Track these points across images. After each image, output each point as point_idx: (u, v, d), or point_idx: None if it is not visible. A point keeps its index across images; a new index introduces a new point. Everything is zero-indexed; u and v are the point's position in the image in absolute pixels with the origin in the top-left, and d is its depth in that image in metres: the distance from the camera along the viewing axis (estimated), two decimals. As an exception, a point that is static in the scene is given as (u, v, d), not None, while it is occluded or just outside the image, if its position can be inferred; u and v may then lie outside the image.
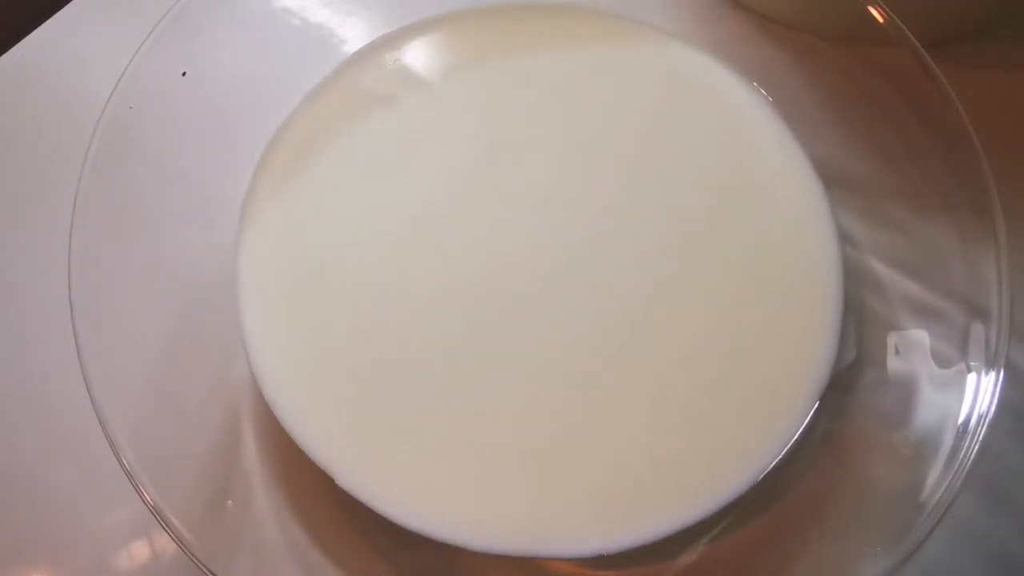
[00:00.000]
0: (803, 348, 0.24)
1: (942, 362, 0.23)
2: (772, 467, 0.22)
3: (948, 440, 0.22)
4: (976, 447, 0.21)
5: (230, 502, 0.24)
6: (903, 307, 0.25)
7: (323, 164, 0.26)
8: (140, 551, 0.25)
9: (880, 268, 0.26)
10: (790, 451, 0.22)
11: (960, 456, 0.21)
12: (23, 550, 0.25)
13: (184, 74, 0.27)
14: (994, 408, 0.21)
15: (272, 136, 0.27)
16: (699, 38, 0.29)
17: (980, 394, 0.22)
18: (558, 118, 0.27)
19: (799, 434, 0.23)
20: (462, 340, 0.24)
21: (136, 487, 0.21)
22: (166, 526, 0.21)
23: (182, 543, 0.21)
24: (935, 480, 0.21)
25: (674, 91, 0.28)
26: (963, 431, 0.22)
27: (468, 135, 0.27)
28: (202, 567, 0.20)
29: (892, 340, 0.25)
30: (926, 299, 0.25)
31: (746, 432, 0.23)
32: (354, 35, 0.29)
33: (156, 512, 0.21)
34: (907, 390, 0.24)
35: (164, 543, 0.25)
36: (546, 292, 0.24)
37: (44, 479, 0.26)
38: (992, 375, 0.22)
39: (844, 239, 0.25)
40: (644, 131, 0.27)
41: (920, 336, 0.24)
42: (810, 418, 0.23)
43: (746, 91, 0.27)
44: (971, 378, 0.22)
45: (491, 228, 0.25)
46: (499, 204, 0.26)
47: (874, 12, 0.26)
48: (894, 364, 0.24)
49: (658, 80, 0.28)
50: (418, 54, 0.28)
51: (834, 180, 0.26)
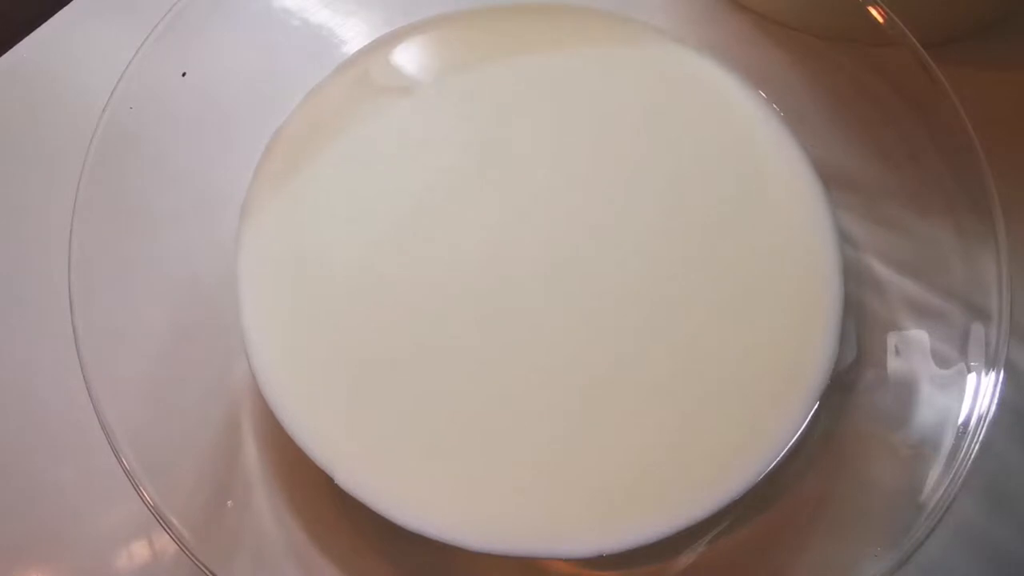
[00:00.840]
0: (803, 348, 0.24)
1: (942, 362, 0.23)
2: (772, 467, 0.22)
3: (948, 440, 0.22)
4: (976, 447, 0.21)
5: (230, 502, 0.24)
6: (903, 307, 0.25)
7: (323, 164, 0.26)
8: (140, 551, 0.25)
9: (880, 268, 0.26)
10: (790, 451, 0.22)
11: (960, 456, 0.21)
12: (23, 550, 0.25)
13: (184, 74, 0.27)
14: (994, 408, 0.21)
15: (272, 136, 0.27)
16: (699, 39, 0.29)
17: (980, 394, 0.22)
18: (557, 119, 0.27)
19: (799, 434, 0.23)
20: (462, 340, 0.24)
21: (136, 487, 0.21)
22: (166, 526, 0.21)
23: (182, 543, 0.21)
24: (935, 480, 0.21)
25: (674, 91, 0.28)
26: (963, 431, 0.22)
27: (467, 135, 0.27)
28: (202, 567, 0.20)
29: (892, 340, 0.25)
30: (926, 299, 0.25)
31: (746, 432, 0.23)
32: (354, 35, 0.29)
33: (156, 512, 0.21)
34: (907, 390, 0.24)
35: (164, 543, 0.25)
36: (546, 292, 0.24)
37: (44, 479, 0.26)
38: (992, 375, 0.22)
39: (844, 239, 0.25)
40: (643, 131, 0.27)
41: (920, 336, 0.24)
42: (810, 418, 0.23)
43: (746, 92, 0.27)
44: (971, 378, 0.22)
45: (491, 228, 0.25)
46: (499, 204, 0.26)
47: (874, 12, 0.26)
48: (894, 364, 0.24)
49: (658, 80, 0.28)
50: (418, 54, 0.28)
51: (834, 180, 0.26)
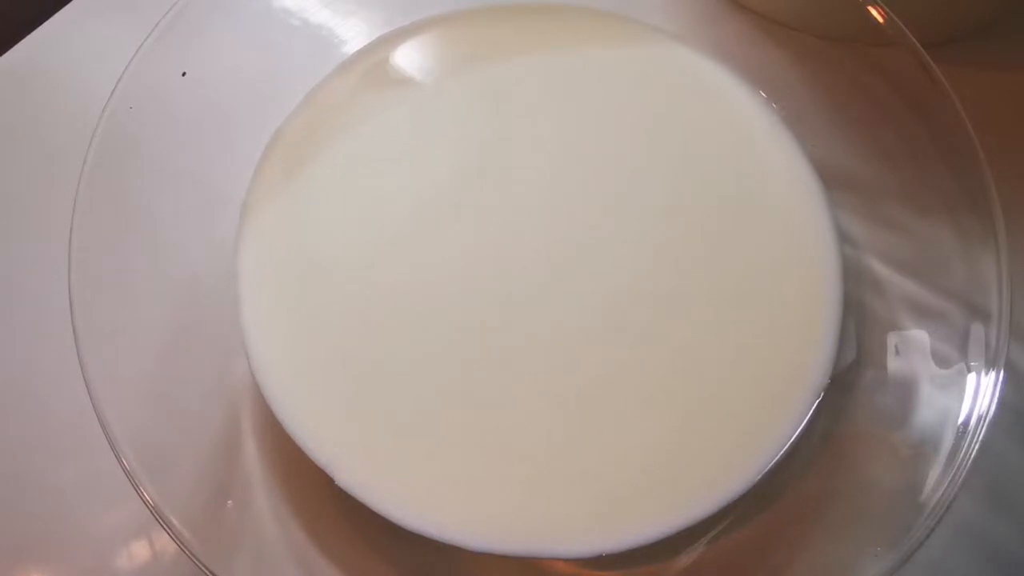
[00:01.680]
0: (803, 348, 0.24)
1: (942, 362, 0.23)
2: (772, 467, 0.22)
3: (948, 440, 0.22)
4: (976, 447, 0.21)
5: (230, 502, 0.24)
6: (903, 307, 0.25)
7: (323, 164, 0.26)
8: (140, 551, 0.25)
9: (880, 268, 0.26)
10: (790, 451, 0.22)
11: (960, 456, 0.21)
12: (23, 550, 0.25)
13: (184, 74, 0.27)
14: (994, 408, 0.21)
15: (272, 136, 0.27)
16: (699, 39, 0.29)
17: (980, 394, 0.22)
18: (558, 118, 0.27)
19: (799, 434, 0.23)
20: (462, 340, 0.24)
21: (136, 487, 0.21)
22: (166, 526, 0.21)
23: (182, 543, 0.21)
24: (935, 480, 0.21)
25: (674, 91, 0.28)
26: (963, 431, 0.21)
27: (467, 135, 0.27)
28: (202, 567, 0.20)
29: (892, 340, 0.25)
30: (926, 299, 0.25)
31: (746, 432, 0.23)
32: (354, 35, 0.29)
33: (156, 512, 0.21)
34: (907, 390, 0.24)
35: (164, 543, 0.25)
36: (547, 291, 0.24)
37: (44, 479, 0.26)
38: (992, 375, 0.22)
39: (844, 239, 0.25)
40: (644, 131, 0.27)
41: (920, 336, 0.24)
42: (810, 418, 0.23)
43: (746, 92, 0.27)
44: (971, 378, 0.22)
45: (490, 228, 0.25)
46: (499, 204, 0.26)
47: (874, 12, 0.26)
48: (894, 364, 0.24)
49: (658, 80, 0.28)
50: (418, 54, 0.28)
51: (834, 180, 0.26)
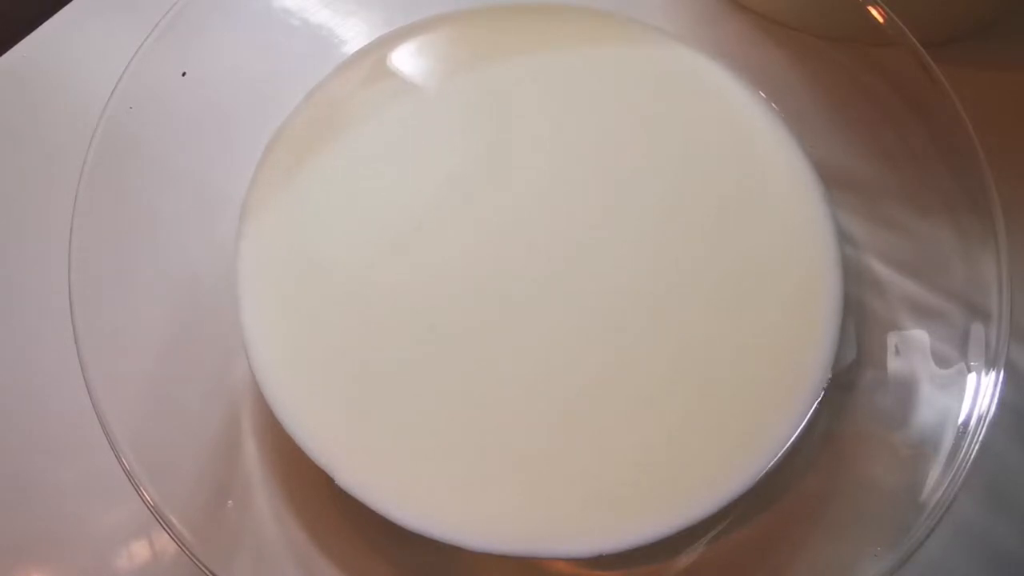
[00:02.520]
0: (803, 348, 0.24)
1: (942, 362, 0.23)
2: (772, 467, 0.22)
3: (948, 440, 0.22)
4: (976, 447, 0.21)
5: (230, 502, 0.24)
6: (903, 307, 0.25)
7: (323, 164, 0.26)
8: (140, 551, 0.25)
9: (880, 268, 0.26)
10: (790, 451, 0.22)
11: (960, 456, 0.21)
12: (23, 550, 0.25)
13: (184, 74, 0.27)
14: (994, 408, 0.21)
15: (272, 136, 0.27)
16: (699, 38, 0.29)
17: (980, 394, 0.22)
18: (558, 118, 0.27)
19: (799, 434, 0.23)
20: (462, 340, 0.24)
21: (136, 487, 0.21)
22: (166, 526, 0.21)
23: (182, 543, 0.21)
24: (935, 480, 0.21)
25: (674, 91, 0.28)
26: (963, 431, 0.21)
27: (468, 135, 0.27)
28: (202, 567, 0.20)
29: (892, 340, 0.25)
30: (926, 299, 0.25)
31: (746, 432, 0.23)
32: (354, 35, 0.29)
33: (156, 512, 0.21)
34: (907, 390, 0.24)
35: (164, 543, 0.25)
36: (547, 291, 0.24)
37: (44, 479, 0.26)
38: (992, 375, 0.22)
39: (844, 239, 0.25)
40: (644, 131, 0.27)
41: (920, 336, 0.24)
42: (810, 418, 0.23)
43: (746, 92, 0.27)
44: (971, 378, 0.22)
45: (490, 228, 0.25)
46: (499, 204, 0.26)
47: (874, 12, 0.26)
48: (894, 364, 0.24)
49: (658, 80, 0.28)
50: (418, 54, 0.28)
51: (834, 181, 0.26)
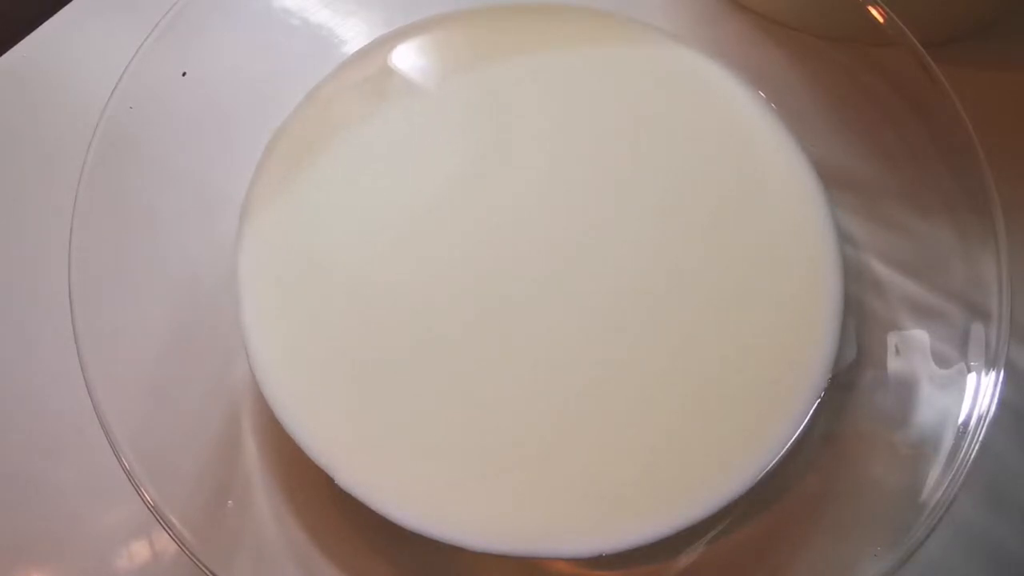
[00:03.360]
0: (803, 348, 0.24)
1: (942, 362, 0.23)
2: (772, 467, 0.22)
3: (948, 440, 0.22)
4: (976, 447, 0.21)
5: (230, 502, 0.24)
6: (903, 307, 0.25)
7: (323, 164, 0.26)
8: (140, 551, 0.25)
9: (880, 268, 0.26)
10: (790, 451, 0.22)
11: (960, 456, 0.21)
12: (23, 550, 0.25)
13: (184, 74, 0.27)
14: (994, 408, 0.21)
15: (272, 136, 0.27)
16: (699, 38, 0.29)
17: (980, 394, 0.22)
18: (558, 118, 0.27)
19: (799, 434, 0.23)
20: (462, 340, 0.24)
21: (136, 487, 0.21)
22: (166, 526, 0.21)
23: (182, 543, 0.21)
24: (935, 480, 0.21)
25: (674, 91, 0.28)
26: (963, 431, 0.21)
27: (468, 135, 0.27)
28: (202, 567, 0.20)
29: (892, 340, 0.25)
30: (926, 299, 0.25)
31: (746, 432, 0.23)
32: (354, 35, 0.29)
33: (156, 512, 0.21)
34: (907, 390, 0.24)
35: (164, 543, 0.25)
36: (546, 291, 0.24)
37: (44, 479, 0.26)
38: (992, 375, 0.22)
39: (844, 239, 0.25)
40: (643, 131, 0.27)
41: (920, 336, 0.24)
42: (810, 418, 0.23)
43: (746, 91, 0.27)
44: (971, 378, 0.22)
45: (491, 228, 0.25)
46: (499, 204, 0.26)
47: (874, 12, 0.26)
48: (894, 364, 0.24)
49: (658, 80, 0.28)
50: (418, 54, 0.28)
51: (834, 180, 0.26)
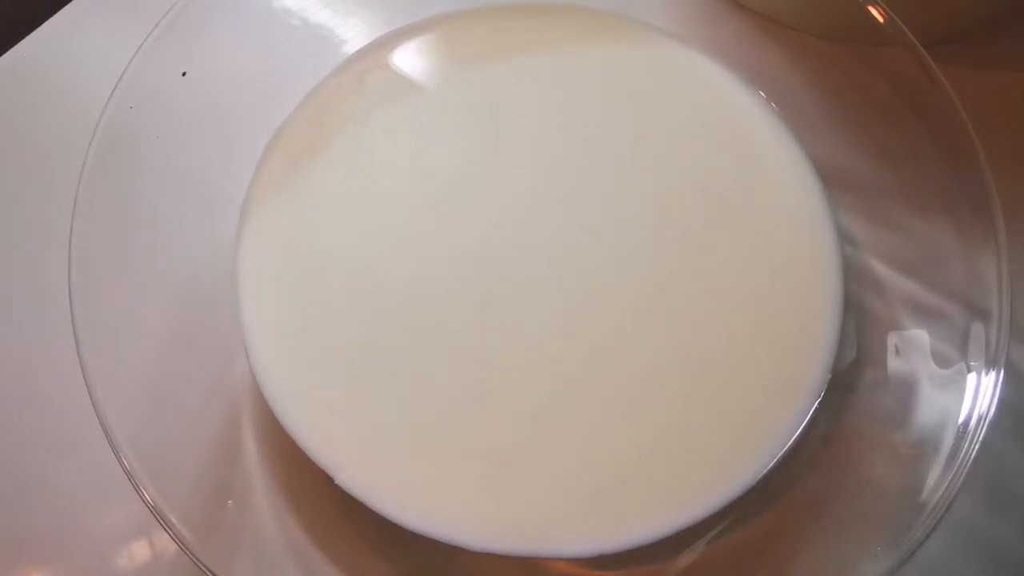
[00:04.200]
0: (803, 348, 0.24)
1: (942, 362, 0.23)
2: (772, 467, 0.22)
3: (948, 440, 0.22)
4: (976, 447, 0.21)
5: (230, 502, 0.24)
6: (903, 307, 0.25)
7: (323, 164, 0.26)
8: (140, 551, 0.25)
9: (880, 268, 0.26)
10: (790, 451, 0.22)
11: (960, 456, 0.21)
12: (23, 550, 0.25)
13: (184, 74, 0.27)
14: (994, 408, 0.21)
15: (272, 136, 0.27)
16: (699, 38, 0.29)
17: (980, 394, 0.22)
18: (557, 118, 0.27)
19: (799, 434, 0.23)
20: (462, 340, 0.24)
21: (136, 487, 0.21)
22: (166, 526, 0.21)
23: (182, 543, 0.21)
24: (935, 480, 0.21)
25: (674, 92, 0.28)
26: (963, 431, 0.21)
27: (468, 135, 0.27)
28: (202, 567, 0.20)
29: (892, 340, 0.25)
30: (926, 299, 0.25)
31: (746, 432, 0.23)
32: (354, 35, 0.29)
33: (156, 512, 0.21)
34: (907, 390, 0.24)
35: (164, 543, 0.25)
36: (546, 292, 0.24)
37: (44, 479, 0.26)
38: (992, 375, 0.22)
39: (844, 239, 0.25)
40: (643, 131, 0.27)
41: (920, 336, 0.24)
42: (810, 418, 0.23)
43: (746, 91, 0.27)
44: (971, 378, 0.22)
45: (490, 227, 0.25)
46: (499, 204, 0.26)
47: (874, 12, 0.26)
48: (894, 364, 0.24)
49: (658, 80, 0.28)
50: (418, 54, 0.28)
51: (834, 180, 0.26)
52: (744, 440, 0.23)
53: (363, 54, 0.28)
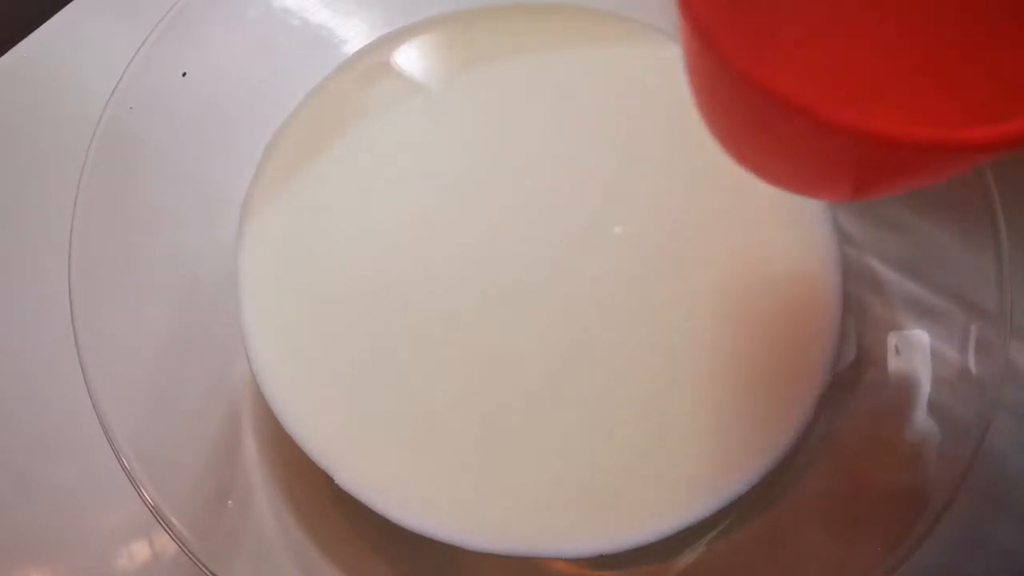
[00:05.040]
0: (803, 348, 0.24)
1: (942, 362, 0.23)
2: (772, 467, 0.22)
3: (948, 440, 0.22)
4: (976, 447, 0.21)
5: (230, 502, 0.24)
6: (903, 307, 0.25)
7: (323, 164, 0.26)
8: (140, 551, 0.25)
9: (880, 268, 0.26)
10: (790, 451, 0.22)
11: (960, 456, 0.21)
12: (23, 550, 0.25)
13: (184, 74, 0.27)
14: (994, 408, 0.21)
15: (272, 136, 0.27)
16: (699, 38, 0.29)
17: (980, 394, 0.22)
18: (557, 118, 0.27)
19: (799, 434, 0.23)
20: (462, 340, 0.24)
21: (136, 487, 0.21)
22: (166, 526, 0.21)
23: (182, 543, 0.21)
24: (935, 480, 0.21)
25: (673, 91, 0.28)
26: (963, 431, 0.21)
27: (467, 135, 0.27)
28: (202, 567, 0.20)
29: (892, 340, 0.25)
30: (926, 299, 0.25)
31: (746, 432, 0.23)
32: (354, 35, 0.29)
33: (156, 512, 0.21)
34: (907, 390, 0.24)
35: (164, 543, 0.25)
36: (546, 291, 0.24)
37: (44, 479, 0.26)
38: (992, 375, 0.22)
39: (844, 239, 0.25)
40: (643, 130, 0.27)
41: (920, 336, 0.24)
42: (810, 418, 0.23)
43: (746, 91, 0.27)
44: (971, 378, 0.22)
45: (491, 228, 0.25)
46: (499, 203, 0.26)
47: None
48: (894, 364, 0.24)
49: (657, 80, 0.28)
50: (418, 54, 0.28)
51: (834, 180, 0.26)
52: (744, 440, 0.23)
53: (363, 54, 0.28)
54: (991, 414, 0.21)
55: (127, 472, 0.21)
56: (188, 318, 0.26)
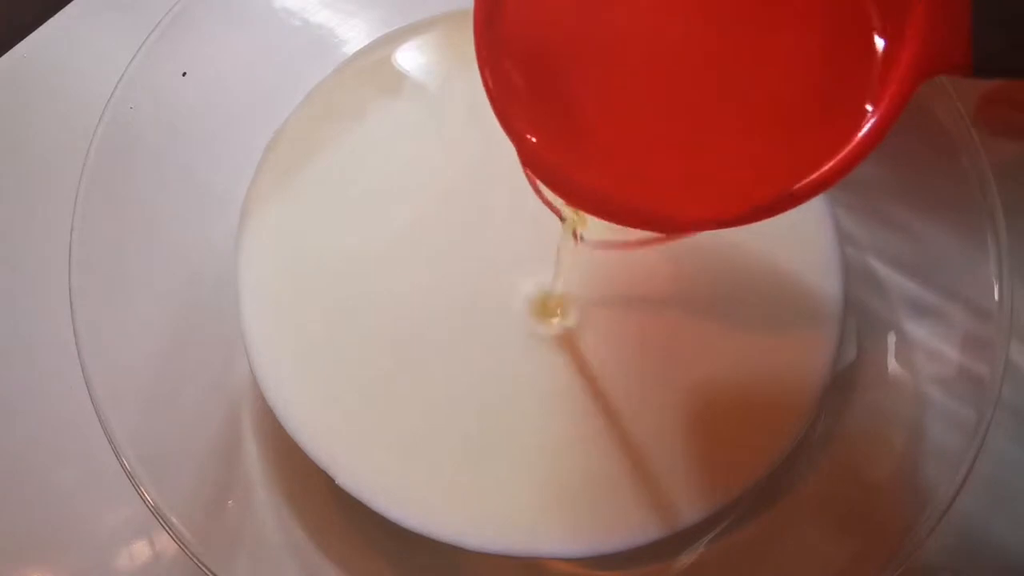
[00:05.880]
0: (804, 347, 0.24)
1: (942, 362, 0.23)
2: (772, 467, 0.22)
3: (948, 440, 0.22)
4: (976, 447, 0.21)
5: (230, 502, 0.24)
6: (903, 307, 0.25)
7: (323, 164, 0.26)
8: (140, 551, 0.25)
9: (880, 268, 0.26)
10: (790, 451, 0.22)
11: (960, 456, 0.21)
12: (23, 550, 0.25)
13: (184, 74, 0.27)
14: (994, 408, 0.21)
15: (272, 136, 0.27)
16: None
17: (980, 394, 0.22)
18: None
19: (799, 434, 0.23)
20: (462, 341, 0.24)
21: (136, 487, 0.21)
22: (166, 526, 0.21)
23: (182, 543, 0.21)
24: (935, 480, 0.21)
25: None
26: (963, 431, 0.21)
27: (467, 135, 0.27)
28: (202, 567, 0.20)
29: (892, 340, 0.25)
30: (926, 299, 0.25)
31: (747, 432, 0.23)
32: (354, 35, 0.29)
33: (156, 512, 0.21)
34: (907, 390, 0.24)
35: (164, 543, 0.25)
36: (547, 290, 0.24)
37: (44, 479, 0.26)
38: (992, 375, 0.22)
39: (844, 239, 0.25)
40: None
41: (920, 336, 0.24)
42: (810, 418, 0.23)
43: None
44: (971, 378, 0.22)
45: (492, 229, 0.25)
46: (499, 204, 0.26)
47: (874, 12, 0.26)
48: (894, 364, 0.24)
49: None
50: (418, 54, 0.28)
51: (834, 180, 0.26)
52: (745, 440, 0.23)
53: (363, 54, 0.28)
54: (991, 414, 0.21)
55: (127, 472, 0.21)
56: (188, 318, 0.26)
